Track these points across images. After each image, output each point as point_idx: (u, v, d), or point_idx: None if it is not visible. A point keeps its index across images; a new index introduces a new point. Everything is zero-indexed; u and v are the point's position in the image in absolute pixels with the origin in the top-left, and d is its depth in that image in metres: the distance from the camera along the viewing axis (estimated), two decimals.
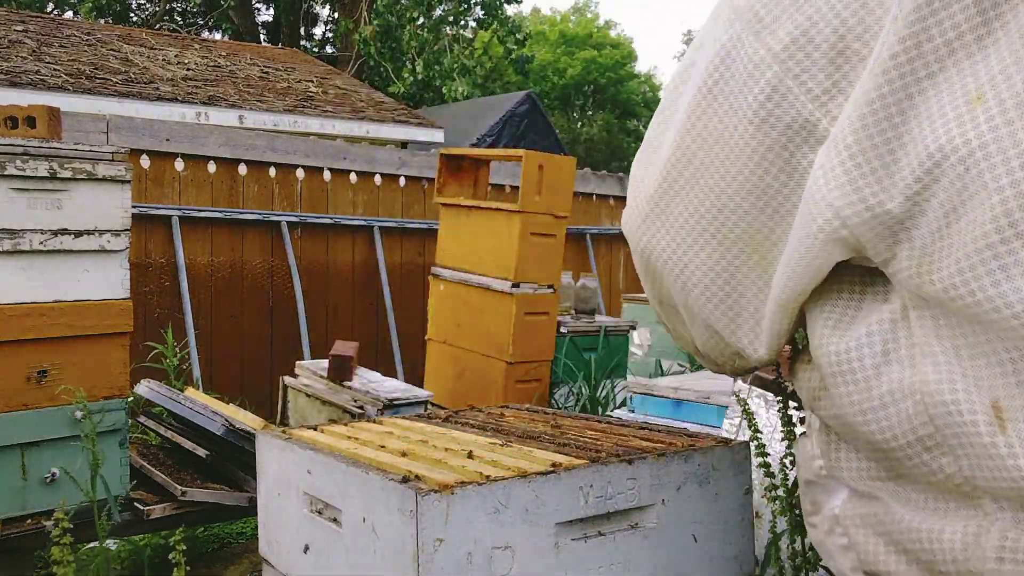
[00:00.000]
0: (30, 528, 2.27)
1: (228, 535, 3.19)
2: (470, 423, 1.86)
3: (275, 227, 4.89)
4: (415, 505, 1.15)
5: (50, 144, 2.26)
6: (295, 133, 8.51)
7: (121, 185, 2.36)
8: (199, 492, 2.49)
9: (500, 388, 3.87)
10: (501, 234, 3.89)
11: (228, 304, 4.76)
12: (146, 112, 7.98)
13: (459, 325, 4.13)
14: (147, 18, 19.87)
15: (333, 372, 3.26)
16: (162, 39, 12.03)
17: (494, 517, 1.21)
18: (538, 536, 1.27)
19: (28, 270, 2.23)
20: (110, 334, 2.38)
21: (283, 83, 10.94)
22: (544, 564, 1.28)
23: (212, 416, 2.65)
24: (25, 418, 2.25)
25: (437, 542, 1.15)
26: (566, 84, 27.57)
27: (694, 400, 2.57)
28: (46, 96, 7.72)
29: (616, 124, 27.45)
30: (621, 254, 6.55)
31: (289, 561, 1.54)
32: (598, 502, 1.37)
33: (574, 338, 4.25)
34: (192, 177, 4.66)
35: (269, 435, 1.66)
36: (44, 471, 2.29)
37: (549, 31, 29.61)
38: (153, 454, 2.84)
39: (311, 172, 5.07)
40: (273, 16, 20.76)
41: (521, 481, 1.26)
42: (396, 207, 5.43)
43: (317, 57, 16.00)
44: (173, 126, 4.74)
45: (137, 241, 4.35)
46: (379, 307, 5.27)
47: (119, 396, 2.41)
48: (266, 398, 4.74)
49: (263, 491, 1.65)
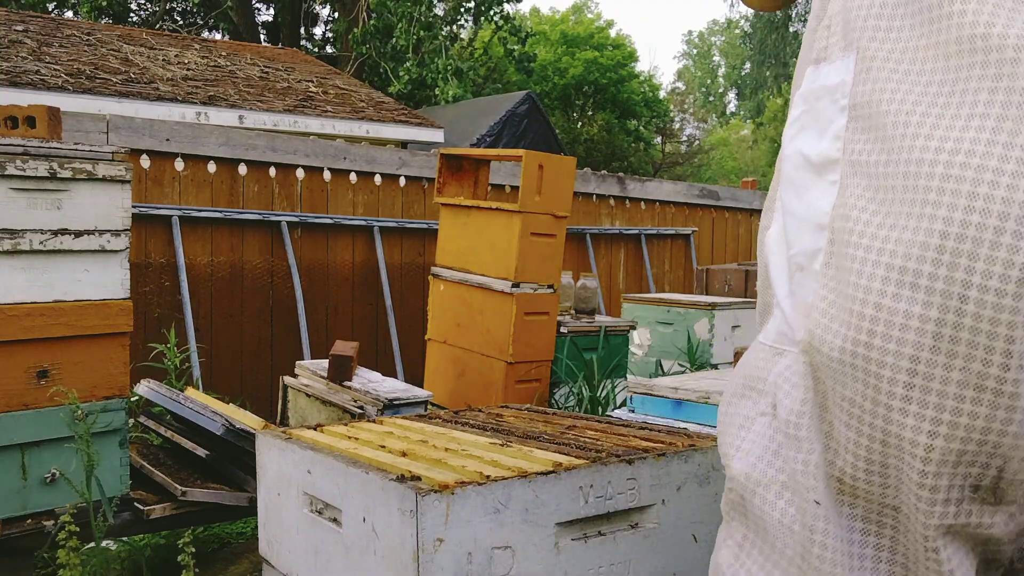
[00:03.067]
0: (30, 528, 2.27)
1: (228, 535, 3.19)
2: (470, 423, 1.86)
3: (275, 227, 4.89)
4: (415, 505, 1.15)
5: (50, 144, 2.26)
6: (295, 133, 8.52)
7: (121, 185, 2.36)
8: (199, 492, 2.49)
9: (500, 388, 3.87)
10: (501, 234, 3.89)
11: (228, 304, 4.76)
12: (146, 112, 7.99)
13: (459, 325, 4.13)
14: (147, 18, 19.86)
15: (333, 372, 3.26)
16: (162, 39, 12.03)
17: (494, 517, 1.21)
18: (538, 536, 1.27)
19: (28, 270, 2.23)
20: (110, 334, 2.38)
21: (283, 83, 10.94)
22: (544, 564, 1.28)
23: (212, 416, 2.65)
24: (25, 418, 2.25)
25: (437, 542, 1.15)
26: (566, 84, 27.56)
27: (694, 400, 2.57)
28: (46, 96, 7.72)
29: (616, 124, 27.44)
30: (621, 254, 6.55)
31: (289, 561, 1.54)
32: (598, 502, 1.37)
33: (574, 338, 4.25)
34: (192, 177, 4.66)
35: (269, 435, 1.66)
36: (44, 471, 2.29)
37: (550, 31, 29.61)
38: (153, 454, 2.84)
39: (311, 172, 5.07)
40: (273, 16, 20.76)
41: (521, 481, 1.26)
42: (396, 207, 5.44)
43: (317, 57, 16.00)
44: (173, 126, 4.74)
45: (137, 241, 4.35)
46: (379, 307, 5.27)
47: (119, 396, 2.41)
48: (266, 398, 4.74)
49: (263, 491, 1.65)
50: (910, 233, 0.80)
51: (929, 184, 0.80)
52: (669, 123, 33.04)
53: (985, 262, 0.76)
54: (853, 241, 0.85)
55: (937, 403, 0.79)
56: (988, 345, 0.77)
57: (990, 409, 0.78)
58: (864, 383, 0.83)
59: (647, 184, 6.84)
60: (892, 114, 0.85)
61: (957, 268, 0.77)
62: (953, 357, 0.78)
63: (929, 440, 0.80)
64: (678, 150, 33.39)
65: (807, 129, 0.98)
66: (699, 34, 43.15)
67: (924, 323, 0.79)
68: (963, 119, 0.80)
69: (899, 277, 0.81)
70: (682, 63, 43.62)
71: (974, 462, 0.80)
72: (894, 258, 0.81)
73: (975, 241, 0.77)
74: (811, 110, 0.98)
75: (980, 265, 0.76)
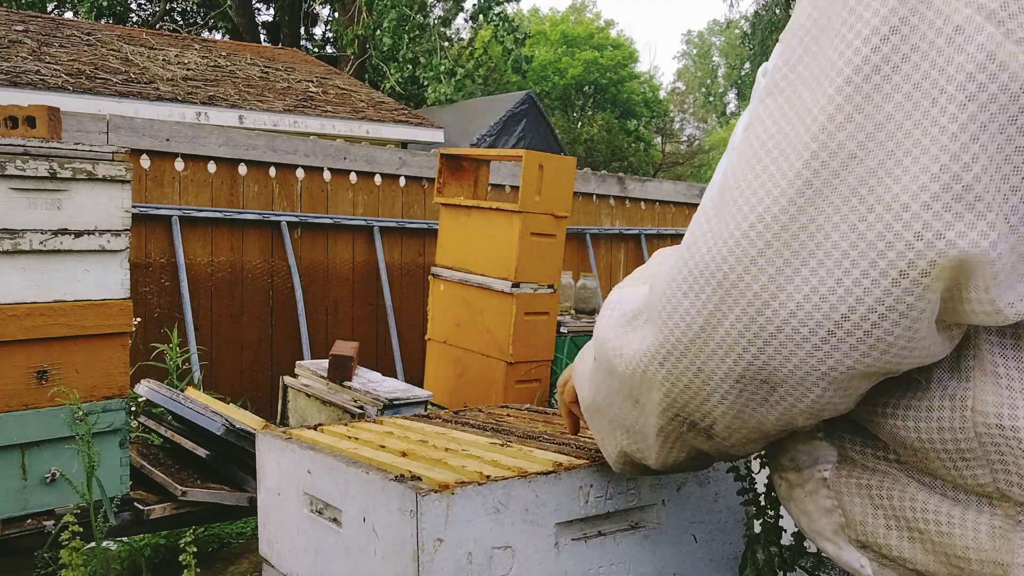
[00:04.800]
0: (30, 528, 2.27)
1: (228, 535, 3.20)
2: (470, 423, 1.86)
3: (275, 227, 4.89)
4: (415, 505, 1.15)
5: (50, 144, 2.26)
6: (295, 133, 8.52)
7: (121, 185, 2.36)
8: (199, 492, 2.49)
9: (500, 388, 3.87)
10: (501, 234, 3.89)
11: (228, 304, 4.76)
12: (146, 112, 7.99)
13: (459, 325, 4.13)
14: (147, 18, 19.86)
15: (333, 372, 3.26)
16: (162, 39, 12.03)
17: (494, 517, 1.21)
18: (538, 536, 1.27)
19: (28, 270, 2.23)
20: (110, 334, 2.38)
21: (283, 83, 10.94)
22: (544, 564, 1.28)
23: (212, 416, 2.65)
24: (25, 418, 2.25)
25: (437, 542, 1.15)
26: (566, 84, 27.57)
27: None
28: (46, 96, 7.73)
29: (616, 124, 27.46)
30: (621, 254, 6.55)
31: (289, 561, 1.54)
32: (598, 502, 1.37)
33: (574, 338, 4.25)
34: (192, 177, 4.66)
35: (269, 435, 1.65)
36: (44, 471, 2.29)
37: (550, 31, 29.62)
38: (153, 454, 2.84)
39: (311, 172, 5.07)
40: (273, 16, 20.76)
41: (521, 481, 1.26)
42: (396, 207, 5.44)
43: (317, 57, 16.01)
44: (173, 126, 4.74)
45: (137, 241, 4.35)
46: (379, 307, 5.27)
47: (119, 396, 2.41)
48: (266, 398, 4.74)
49: (263, 491, 1.65)
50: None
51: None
52: (669, 123, 33.06)
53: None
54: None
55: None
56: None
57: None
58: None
59: (647, 184, 6.84)
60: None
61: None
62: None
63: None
64: (678, 150, 33.40)
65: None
66: (699, 34, 43.12)
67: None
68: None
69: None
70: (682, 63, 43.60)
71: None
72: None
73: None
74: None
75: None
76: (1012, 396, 0.75)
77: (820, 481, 0.91)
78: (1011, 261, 0.69)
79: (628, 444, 1.04)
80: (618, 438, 1.06)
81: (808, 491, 0.92)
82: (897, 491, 0.85)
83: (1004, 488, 0.77)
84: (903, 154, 0.68)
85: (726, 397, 0.81)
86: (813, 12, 0.76)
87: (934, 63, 0.68)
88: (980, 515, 0.79)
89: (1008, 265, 0.69)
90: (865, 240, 0.69)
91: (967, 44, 0.66)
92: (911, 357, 0.74)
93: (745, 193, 0.75)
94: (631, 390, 0.94)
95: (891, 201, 0.68)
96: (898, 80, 0.69)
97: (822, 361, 0.73)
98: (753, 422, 0.84)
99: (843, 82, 0.70)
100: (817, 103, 0.72)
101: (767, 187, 0.74)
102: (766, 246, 0.73)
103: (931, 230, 0.66)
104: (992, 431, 0.76)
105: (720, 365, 0.79)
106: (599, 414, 1.08)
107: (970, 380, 0.77)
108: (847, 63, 0.70)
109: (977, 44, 0.66)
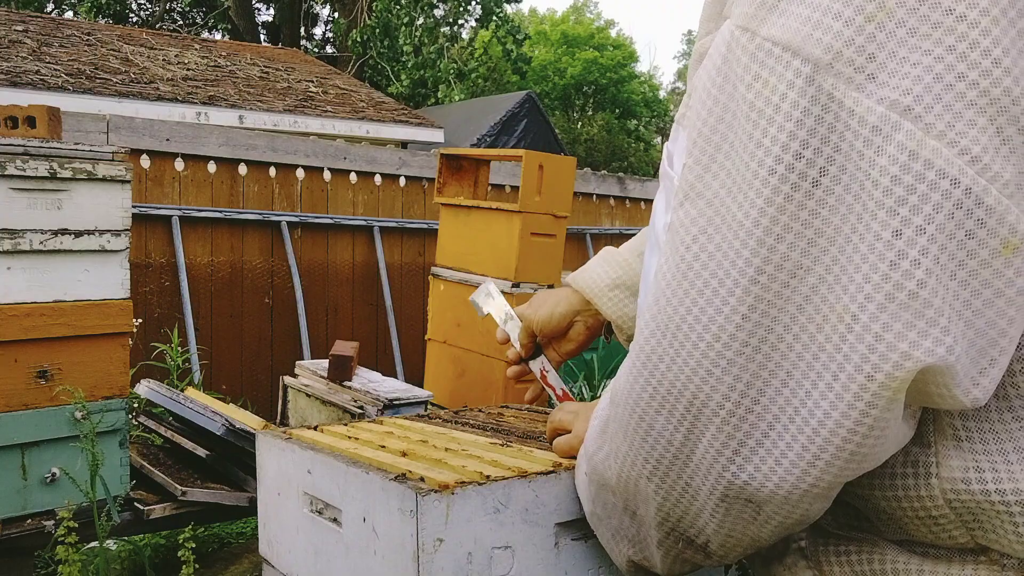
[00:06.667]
0: (30, 528, 2.27)
1: (228, 535, 3.20)
2: (470, 423, 1.86)
3: (275, 227, 4.89)
4: (415, 505, 1.15)
5: (50, 144, 2.26)
6: (295, 133, 8.52)
7: (121, 185, 2.36)
8: (199, 492, 2.49)
9: (500, 388, 3.87)
10: (501, 234, 3.89)
11: (228, 304, 4.76)
12: (146, 112, 7.99)
13: (459, 325, 4.13)
14: (147, 18, 19.87)
15: (333, 372, 3.26)
16: (162, 39, 12.03)
17: (494, 517, 1.21)
18: (538, 536, 1.27)
19: (28, 270, 2.23)
20: (110, 334, 2.38)
21: (283, 83, 10.94)
22: (544, 564, 1.28)
23: (212, 416, 2.65)
24: (25, 418, 2.25)
25: (437, 542, 1.15)
26: (566, 84, 27.57)
27: None
28: (46, 96, 7.73)
29: (616, 124, 27.46)
30: None
31: (289, 561, 1.54)
32: None
33: None
34: (192, 177, 4.66)
35: (269, 435, 1.65)
36: (44, 471, 2.29)
37: (550, 31, 29.62)
38: (154, 454, 2.84)
39: (311, 172, 5.08)
40: (273, 16, 20.76)
41: (521, 481, 1.26)
42: (396, 207, 5.44)
43: (317, 57, 16.00)
44: (173, 126, 4.74)
45: (137, 241, 4.35)
46: (379, 307, 5.27)
47: (119, 396, 2.41)
48: (266, 398, 4.74)
49: (263, 491, 1.65)
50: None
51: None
52: (669, 123, 33.04)
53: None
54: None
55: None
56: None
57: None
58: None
59: (647, 184, 6.84)
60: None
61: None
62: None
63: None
64: None
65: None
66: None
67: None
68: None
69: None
70: (682, 63, 43.61)
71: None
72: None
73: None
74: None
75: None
76: (976, 458, 0.73)
77: (798, 552, 0.88)
78: (971, 357, 0.65)
79: (634, 554, 1.02)
80: (623, 548, 1.04)
81: (787, 565, 0.89)
82: (877, 555, 0.82)
83: (985, 543, 0.76)
84: (846, 261, 0.65)
85: (714, 515, 0.79)
86: (714, 107, 0.72)
87: (858, 166, 0.64)
88: (964, 568, 0.78)
89: (968, 362, 0.65)
90: (825, 352, 0.66)
91: (886, 144, 0.62)
92: (884, 454, 0.71)
93: (693, 311, 0.72)
94: (626, 503, 0.93)
95: (842, 312, 0.65)
96: (827, 184, 0.65)
97: (801, 479, 0.71)
98: (747, 540, 0.81)
99: (771, 193, 0.66)
100: (748, 216, 0.68)
101: (715, 305, 0.70)
102: (729, 364, 0.70)
103: (883, 342, 0.63)
104: (962, 496, 0.73)
105: (704, 482, 0.77)
106: (602, 525, 1.08)
107: (931, 446, 0.75)
108: (770, 173, 0.66)
109: (896, 144, 0.62)
